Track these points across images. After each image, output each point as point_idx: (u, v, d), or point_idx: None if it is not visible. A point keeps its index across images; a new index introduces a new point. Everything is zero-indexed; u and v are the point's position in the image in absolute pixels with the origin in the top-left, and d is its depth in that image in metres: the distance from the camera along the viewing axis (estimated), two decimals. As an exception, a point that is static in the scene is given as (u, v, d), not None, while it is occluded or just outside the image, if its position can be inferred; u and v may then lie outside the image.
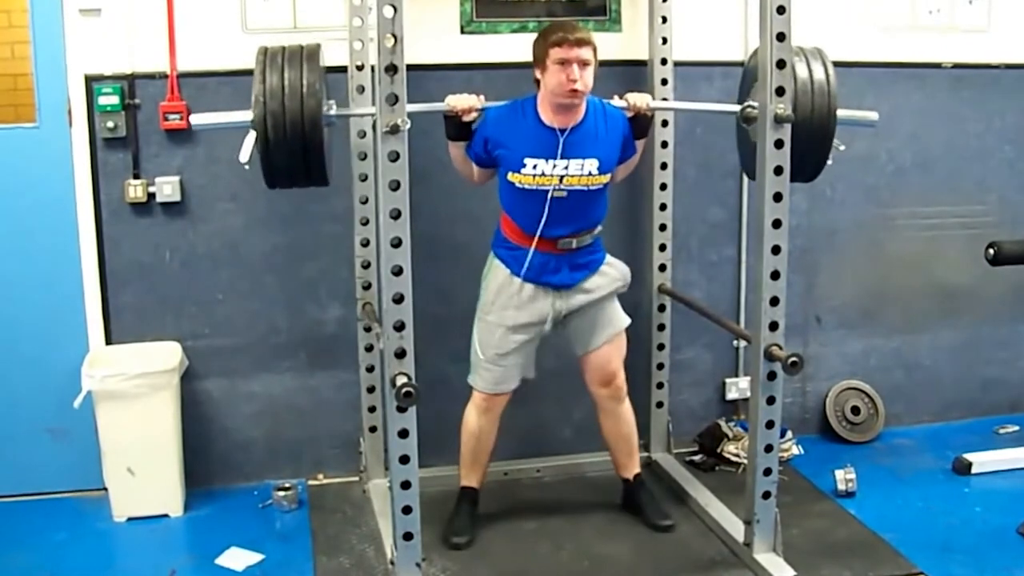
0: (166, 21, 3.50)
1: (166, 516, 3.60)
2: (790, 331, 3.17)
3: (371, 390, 3.67)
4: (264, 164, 2.96)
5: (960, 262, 4.27)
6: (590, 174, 3.17)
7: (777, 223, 2.99)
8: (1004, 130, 4.28)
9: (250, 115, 2.91)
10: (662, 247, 3.83)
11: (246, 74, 3.03)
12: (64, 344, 3.64)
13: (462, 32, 3.73)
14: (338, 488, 3.82)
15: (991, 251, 3.58)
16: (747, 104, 3.19)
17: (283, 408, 3.84)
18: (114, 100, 3.49)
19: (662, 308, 3.87)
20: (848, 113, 3.20)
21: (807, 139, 3.09)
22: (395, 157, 2.70)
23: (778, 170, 2.97)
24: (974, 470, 3.87)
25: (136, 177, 3.58)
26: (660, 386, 3.92)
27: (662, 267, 3.84)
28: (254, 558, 3.32)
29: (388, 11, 2.62)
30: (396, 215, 2.72)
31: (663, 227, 3.81)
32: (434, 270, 3.51)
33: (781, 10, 2.88)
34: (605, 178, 3.20)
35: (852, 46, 3.92)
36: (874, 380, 4.30)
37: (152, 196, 3.60)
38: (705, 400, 4.18)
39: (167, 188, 3.59)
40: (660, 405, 3.94)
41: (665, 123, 3.74)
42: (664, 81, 3.72)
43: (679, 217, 3.85)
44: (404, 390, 2.73)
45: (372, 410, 3.69)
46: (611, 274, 3.36)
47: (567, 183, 3.15)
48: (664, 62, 3.71)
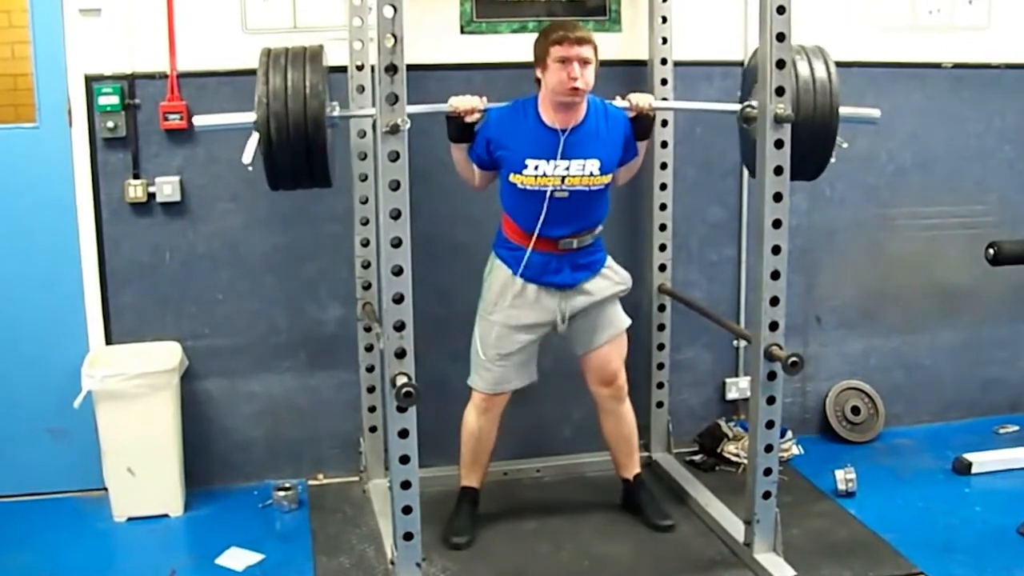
0: (166, 21, 3.50)
1: (166, 516, 3.60)
2: (790, 331, 3.17)
3: (371, 390, 3.67)
4: (267, 166, 2.96)
5: (960, 262, 4.27)
6: (591, 174, 3.17)
7: (777, 223, 2.99)
8: (1004, 130, 4.27)
9: (253, 116, 2.91)
10: (662, 247, 3.83)
11: (246, 74, 3.03)
12: (64, 344, 3.64)
13: (462, 32, 3.73)
14: (338, 488, 3.82)
15: (991, 251, 3.58)
16: (747, 104, 3.19)
17: (283, 408, 3.84)
18: (114, 100, 3.49)
19: (662, 308, 3.87)
20: (850, 110, 3.20)
21: (810, 137, 3.09)
22: (395, 157, 2.70)
23: (778, 170, 2.97)
24: (974, 470, 3.87)
25: (136, 177, 3.58)
26: (660, 386, 3.92)
27: (662, 267, 3.84)
28: (254, 558, 3.32)
29: (388, 11, 2.62)
30: (396, 215, 2.72)
31: (663, 227, 3.81)
32: (434, 270, 3.51)
33: (781, 10, 2.88)
34: (606, 178, 3.20)
35: (852, 46, 3.91)
36: (874, 380, 4.30)
37: (152, 196, 3.60)
38: (705, 400, 4.18)
39: (167, 188, 3.59)
40: (660, 405, 3.94)
41: (665, 123, 3.74)
42: (664, 81, 3.72)
43: (679, 217, 3.85)
44: (404, 390, 2.73)
45: (372, 410, 3.69)
46: (613, 277, 3.36)
47: (569, 183, 3.15)
48: (664, 62, 3.71)
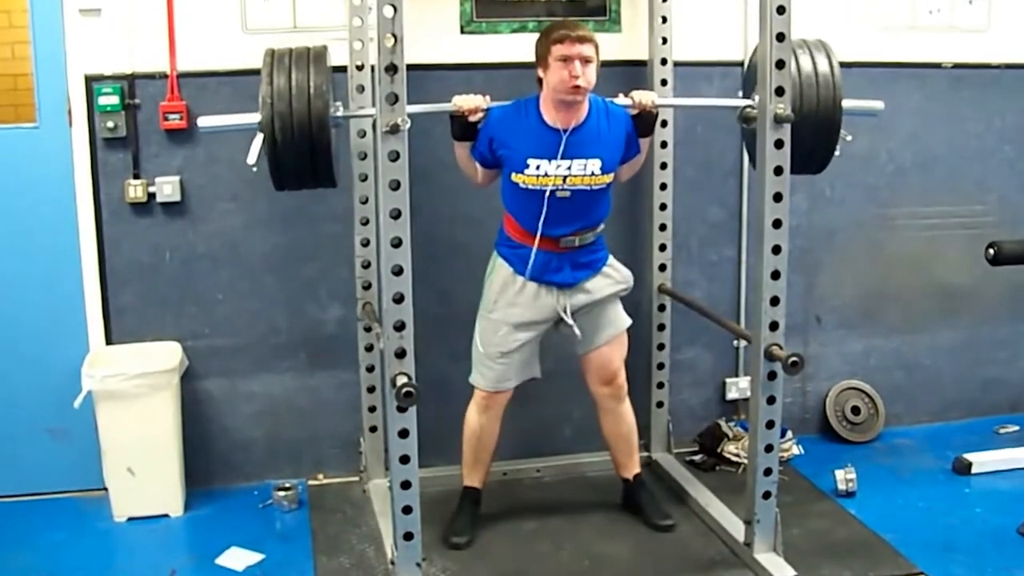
0: (166, 21, 3.50)
1: (166, 516, 3.60)
2: (790, 331, 3.17)
3: (371, 390, 3.67)
4: (272, 166, 2.96)
5: (960, 262, 4.27)
6: (593, 174, 3.17)
7: (777, 223, 2.99)
8: (1004, 130, 4.27)
9: (257, 117, 2.91)
10: (662, 247, 3.83)
11: (246, 74, 3.04)
12: (64, 344, 3.64)
13: (462, 32, 3.73)
14: (338, 488, 3.82)
15: (991, 251, 3.58)
16: (746, 104, 3.18)
17: (283, 408, 3.84)
18: (114, 100, 3.49)
19: (662, 308, 3.87)
20: (853, 103, 3.19)
21: (814, 131, 3.09)
22: (395, 157, 2.70)
23: (778, 170, 2.97)
24: (974, 470, 3.87)
25: (136, 177, 3.58)
26: (660, 386, 3.92)
27: (662, 267, 3.84)
28: (254, 558, 3.32)
29: (388, 11, 2.61)
30: (396, 215, 2.72)
31: (663, 227, 3.81)
32: (434, 270, 3.52)
33: (781, 10, 2.88)
34: (608, 178, 3.21)
35: (852, 46, 3.90)
36: (874, 380, 4.30)
37: (152, 196, 3.60)
38: (705, 400, 4.18)
39: (167, 188, 3.59)
40: (660, 405, 3.94)
41: (665, 123, 3.74)
42: (664, 81, 3.72)
43: (679, 217, 3.85)
44: (404, 390, 2.73)
45: (372, 410, 3.69)
46: (614, 276, 3.36)
47: (570, 183, 3.15)
48: (664, 62, 3.71)
